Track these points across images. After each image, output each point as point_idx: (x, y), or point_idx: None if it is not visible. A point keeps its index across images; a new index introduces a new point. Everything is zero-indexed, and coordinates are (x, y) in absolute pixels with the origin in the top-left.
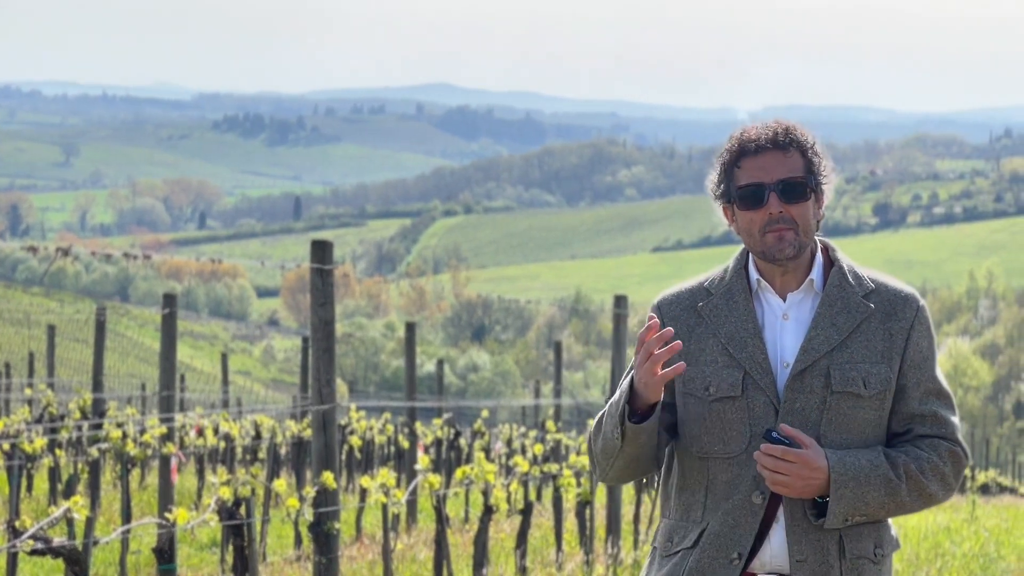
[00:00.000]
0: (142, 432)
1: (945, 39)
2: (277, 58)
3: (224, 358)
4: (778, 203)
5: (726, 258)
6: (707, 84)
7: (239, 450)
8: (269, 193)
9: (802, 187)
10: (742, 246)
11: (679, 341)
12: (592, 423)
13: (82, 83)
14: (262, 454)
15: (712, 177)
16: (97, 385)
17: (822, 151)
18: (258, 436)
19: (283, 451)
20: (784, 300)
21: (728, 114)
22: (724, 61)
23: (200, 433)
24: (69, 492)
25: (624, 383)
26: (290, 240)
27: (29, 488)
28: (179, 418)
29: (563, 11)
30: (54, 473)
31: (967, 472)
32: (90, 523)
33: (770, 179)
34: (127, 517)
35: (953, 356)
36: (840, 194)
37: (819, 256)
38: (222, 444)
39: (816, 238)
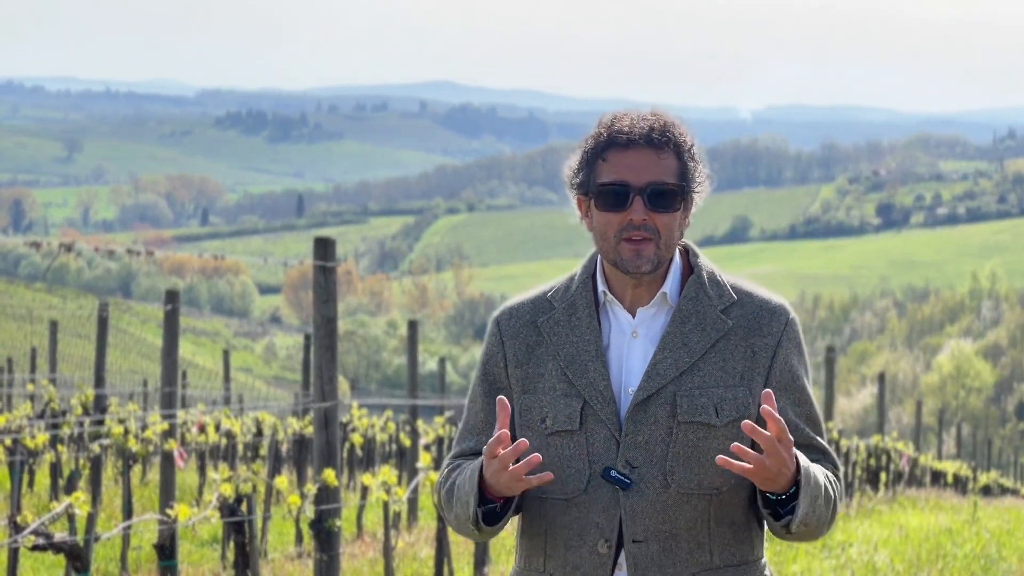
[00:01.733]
0: (144, 428)
1: (949, 40)
2: (280, 55)
3: (226, 355)
4: (643, 209)
5: (728, 258)
6: (710, 83)
7: (240, 447)
8: (271, 190)
9: (672, 195)
10: (595, 251)
11: (537, 455)
12: (435, 480)
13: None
14: (263, 451)
15: (571, 162)
16: (99, 381)
17: (700, 155)
18: (259, 433)
19: (284, 448)
20: (634, 316)
21: (731, 113)
22: (727, 60)
23: (202, 430)
24: (71, 488)
25: (469, 475)
26: (292, 237)
27: (31, 484)
28: (181, 414)
29: (566, 9)
30: (55, 469)
31: (969, 474)
32: (91, 519)
33: (638, 180)
34: (128, 513)
35: (955, 357)
36: (843, 194)
37: (677, 262)
38: (224, 441)
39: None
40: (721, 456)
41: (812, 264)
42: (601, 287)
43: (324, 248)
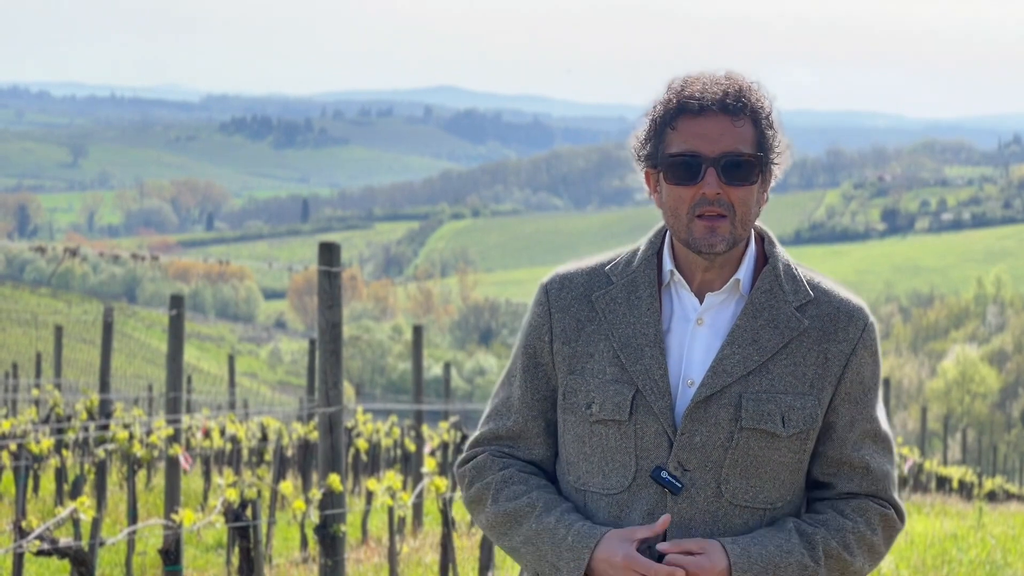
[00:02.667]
0: (148, 433)
1: (954, 46)
2: (285, 60)
3: (231, 360)
4: (716, 182)
5: None
6: None
7: (245, 452)
8: (276, 195)
9: (750, 166)
10: (660, 223)
11: (667, 516)
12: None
13: (90, 84)
14: (268, 456)
15: (638, 132)
16: (104, 386)
17: (778, 122)
18: (264, 438)
19: (289, 453)
20: (701, 301)
21: None
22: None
23: (207, 435)
24: (75, 493)
25: (569, 547)
26: (297, 242)
27: (35, 489)
28: (186, 419)
29: (571, 14)
30: (60, 474)
31: (974, 479)
32: (96, 524)
33: (711, 151)
34: (133, 518)
35: (961, 363)
36: (848, 200)
37: (752, 249)
38: (228, 446)
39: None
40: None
41: (817, 269)
42: (669, 265)
43: (329, 253)
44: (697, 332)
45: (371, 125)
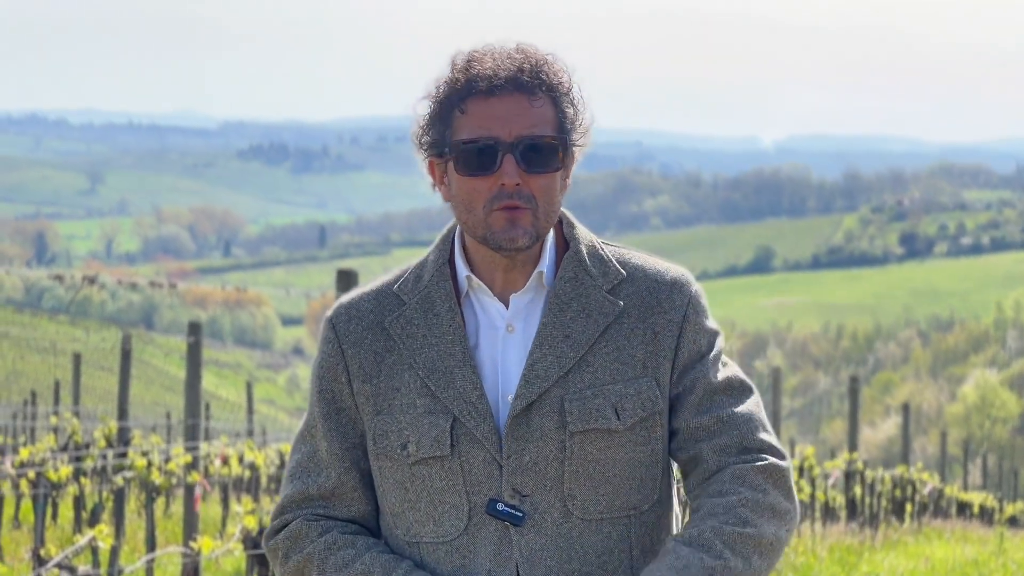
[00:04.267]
0: (167, 461)
1: (972, 69)
2: (302, 87)
3: (249, 387)
4: (515, 171)
5: (752, 289)
6: (732, 113)
7: (264, 479)
8: (294, 221)
9: (551, 150)
10: (452, 223)
11: None
12: (276, 540)
13: (108, 111)
14: None
15: (419, 118)
16: (122, 413)
17: (579, 99)
18: (283, 465)
19: None
20: (507, 305)
21: (753, 143)
22: (749, 90)
23: (225, 462)
24: (94, 521)
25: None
26: (315, 269)
27: (54, 516)
28: (204, 447)
29: (586, 40)
30: (79, 502)
31: (995, 505)
32: (115, 552)
33: (508, 135)
34: (152, 546)
35: (980, 387)
36: (866, 224)
37: (551, 237)
38: (247, 473)
39: None
40: None
41: (835, 294)
42: (464, 271)
43: (347, 280)
44: (509, 341)
45: (388, 151)
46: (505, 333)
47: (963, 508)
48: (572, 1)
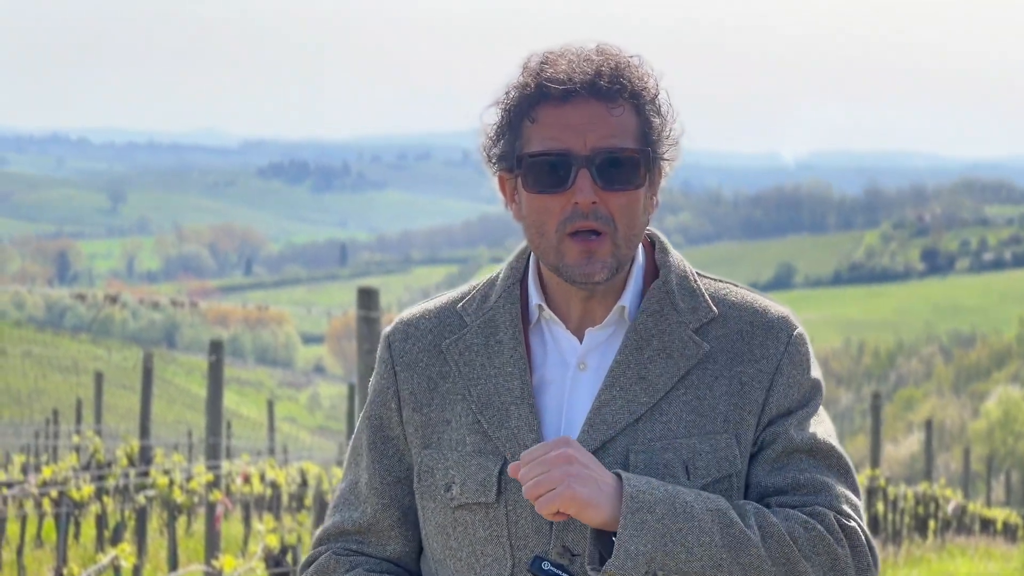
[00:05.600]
0: (189, 479)
1: (994, 83)
2: (322, 105)
3: (270, 405)
4: (591, 187)
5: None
6: (753, 129)
7: (285, 497)
8: (314, 240)
9: (633, 164)
10: (523, 243)
11: None
12: (306, 573)
13: (129, 130)
14: (308, 501)
15: (488, 128)
16: (144, 432)
17: (666, 107)
18: (304, 483)
19: (329, 498)
20: (582, 340)
21: (774, 159)
22: (769, 106)
23: (246, 480)
24: (116, 539)
25: None
26: (336, 287)
27: (76, 535)
28: (225, 465)
29: None
30: (101, 520)
31: (1019, 521)
32: (137, 571)
33: (582, 147)
34: (174, 564)
35: (1004, 403)
36: (888, 240)
37: (639, 262)
38: (268, 491)
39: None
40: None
41: (857, 310)
42: (536, 299)
43: (368, 298)
44: (580, 380)
45: (409, 169)
46: (576, 371)
47: (986, 525)
48: (592, 18)
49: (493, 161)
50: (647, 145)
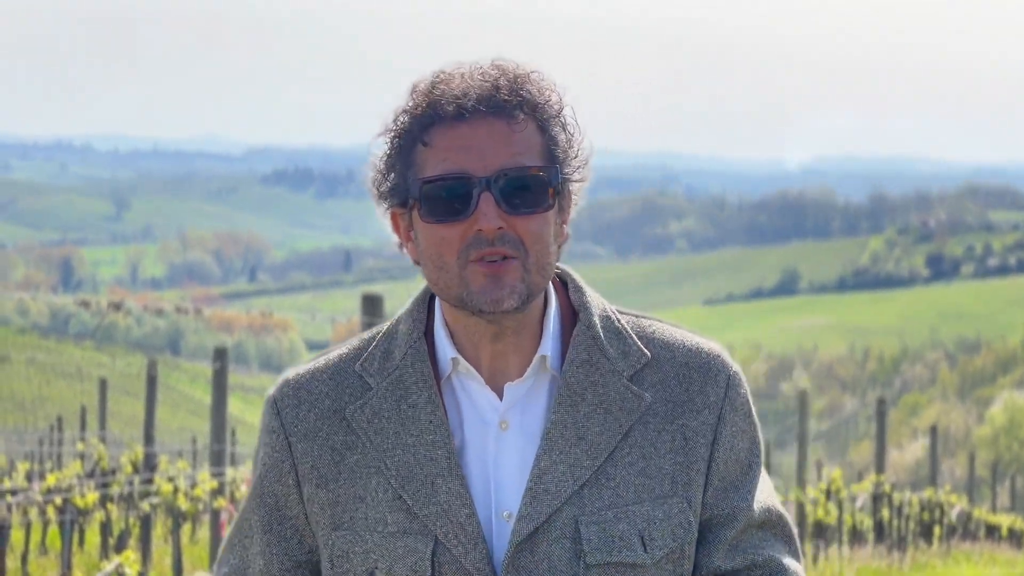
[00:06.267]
0: (193, 486)
1: (998, 89)
2: (327, 112)
3: None
4: (496, 212)
5: (777, 311)
6: (757, 135)
7: None
8: (319, 246)
9: (540, 184)
10: (424, 286)
11: None
12: None
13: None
14: None
15: (376, 160)
16: (148, 439)
17: (574, 122)
18: None
19: None
20: (501, 396)
21: (778, 165)
22: (774, 112)
23: None
24: (120, 547)
25: None
26: (340, 293)
27: (81, 543)
28: (230, 472)
29: (610, 62)
30: (106, 528)
31: (1023, 526)
32: None
33: (483, 168)
34: (178, 572)
35: (1009, 409)
36: (892, 245)
37: (553, 305)
38: None
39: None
40: None
41: (861, 316)
42: (449, 350)
43: (372, 305)
44: (504, 441)
45: None
46: (498, 431)
47: (991, 531)
48: (597, 25)
49: (383, 196)
50: (553, 163)
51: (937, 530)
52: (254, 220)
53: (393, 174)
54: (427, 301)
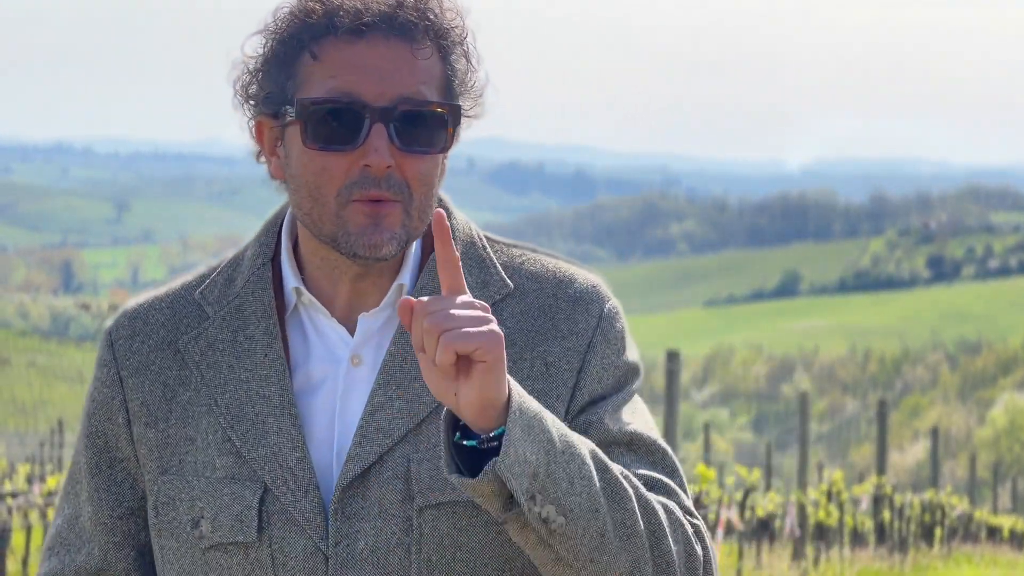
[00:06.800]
0: None
1: (999, 90)
2: None
3: None
4: (387, 147)
5: (778, 313)
6: (758, 137)
7: None
8: None
9: (440, 123)
10: (281, 208)
11: None
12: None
13: (134, 139)
14: None
15: (249, 60)
16: None
17: (474, 49)
18: None
19: None
20: (353, 330)
21: (779, 167)
22: (774, 113)
23: None
24: None
25: None
26: None
27: None
28: None
29: (612, 64)
30: None
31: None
32: None
33: (381, 96)
34: None
35: (1010, 411)
36: (893, 247)
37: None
38: None
39: None
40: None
41: (862, 318)
42: (293, 280)
43: None
44: (353, 378)
45: None
46: (349, 367)
47: (993, 532)
48: (598, 27)
49: (251, 101)
50: (452, 97)
51: (938, 532)
52: (255, 222)
53: (269, 80)
54: (277, 226)
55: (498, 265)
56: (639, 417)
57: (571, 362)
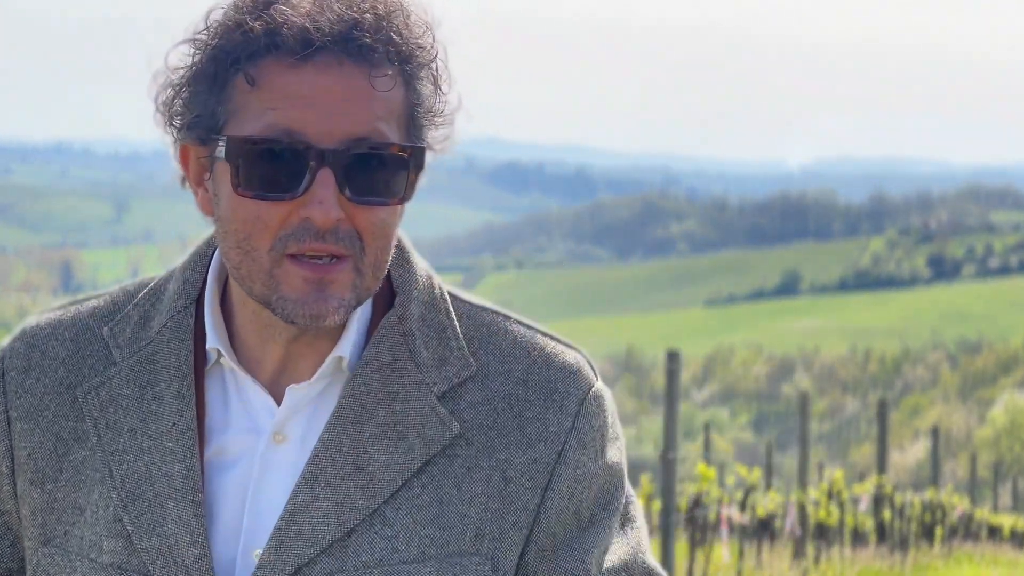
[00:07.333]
0: None
1: (1000, 89)
2: None
3: None
4: (334, 198)
5: (779, 313)
6: (758, 136)
7: None
8: None
9: (399, 167)
10: (209, 235)
11: None
12: None
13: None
14: None
15: (174, 73)
16: None
17: (447, 78)
18: None
19: None
20: (279, 399)
21: (779, 166)
22: (775, 113)
23: None
24: None
25: None
26: None
27: None
28: None
29: (612, 64)
30: None
31: None
32: None
33: (328, 135)
34: None
35: (1010, 410)
36: (893, 247)
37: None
38: None
39: None
40: None
41: (863, 317)
42: (214, 339)
43: None
44: (274, 458)
45: None
46: (270, 443)
47: (993, 531)
48: (598, 27)
49: (176, 124)
50: (416, 132)
51: (939, 531)
52: None
53: (196, 102)
54: (206, 260)
55: (460, 337)
56: (623, 551)
57: (536, 478)
